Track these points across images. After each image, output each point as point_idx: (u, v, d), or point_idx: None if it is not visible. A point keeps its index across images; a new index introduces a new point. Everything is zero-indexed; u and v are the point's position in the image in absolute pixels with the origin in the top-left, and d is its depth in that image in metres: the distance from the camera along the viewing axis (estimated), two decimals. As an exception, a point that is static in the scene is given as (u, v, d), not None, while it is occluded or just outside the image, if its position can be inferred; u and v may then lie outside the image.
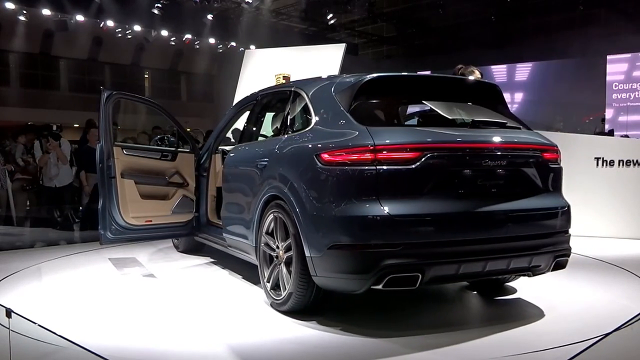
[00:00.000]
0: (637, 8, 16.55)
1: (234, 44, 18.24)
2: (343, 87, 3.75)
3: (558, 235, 3.66)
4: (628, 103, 16.52)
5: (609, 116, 16.67)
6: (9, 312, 2.92)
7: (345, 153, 3.31)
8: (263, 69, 9.05)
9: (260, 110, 4.97)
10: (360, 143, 3.29)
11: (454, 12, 19.61)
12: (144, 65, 24.61)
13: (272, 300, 3.87)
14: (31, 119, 15.80)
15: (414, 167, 3.25)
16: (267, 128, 4.85)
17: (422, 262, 3.21)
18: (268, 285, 3.91)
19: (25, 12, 14.94)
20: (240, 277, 4.88)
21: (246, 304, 4.09)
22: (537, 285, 4.32)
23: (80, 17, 15.71)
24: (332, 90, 3.79)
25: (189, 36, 17.85)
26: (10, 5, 14.60)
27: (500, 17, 18.66)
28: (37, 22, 16.47)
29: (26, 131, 9.89)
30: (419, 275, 3.19)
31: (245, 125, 5.04)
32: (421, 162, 3.25)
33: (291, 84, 4.62)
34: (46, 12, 15.25)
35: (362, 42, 23.68)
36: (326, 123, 3.69)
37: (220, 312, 3.95)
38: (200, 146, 5.86)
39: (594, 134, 12.90)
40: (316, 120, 3.76)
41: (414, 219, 3.24)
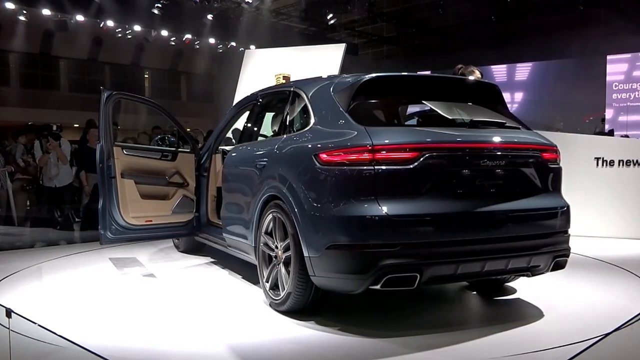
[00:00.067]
0: (637, 8, 16.54)
1: (234, 44, 18.24)
2: (342, 87, 3.74)
3: (557, 235, 3.66)
4: (628, 103, 16.51)
5: (609, 116, 16.67)
6: (9, 312, 2.92)
7: (343, 153, 3.31)
8: (263, 69, 9.05)
9: (260, 111, 4.97)
10: (359, 143, 3.29)
11: (454, 12, 19.62)
12: (144, 65, 24.59)
13: (271, 300, 3.87)
14: (31, 119, 15.77)
15: (412, 167, 3.24)
16: (267, 128, 4.86)
17: (421, 262, 3.20)
18: (267, 285, 3.91)
19: (25, 12, 14.94)
20: (240, 277, 4.88)
21: (245, 304, 4.09)
22: (537, 285, 4.32)
23: (80, 17, 15.71)
24: (331, 90, 3.79)
25: (189, 36, 17.84)
26: (10, 5, 14.60)
27: (500, 17, 18.66)
28: (37, 22, 16.46)
29: (26, 131, 9.88)
30: (417, 276, 3.18)
31: (245, 125, 5.05)
32: (419, 162, 3.25)
33: (291, 84, 4.62)
34: (46, 12, 15.25)
35: (362, 42, 23.67)
36: (325, 123, 3.68)
37: (220, 312, 3.95)
38: (201, 146, 5.87)
39: (594, 134, 12.91)
40: (315, 120, 3.76)
41: (413, 219, 3.24)
